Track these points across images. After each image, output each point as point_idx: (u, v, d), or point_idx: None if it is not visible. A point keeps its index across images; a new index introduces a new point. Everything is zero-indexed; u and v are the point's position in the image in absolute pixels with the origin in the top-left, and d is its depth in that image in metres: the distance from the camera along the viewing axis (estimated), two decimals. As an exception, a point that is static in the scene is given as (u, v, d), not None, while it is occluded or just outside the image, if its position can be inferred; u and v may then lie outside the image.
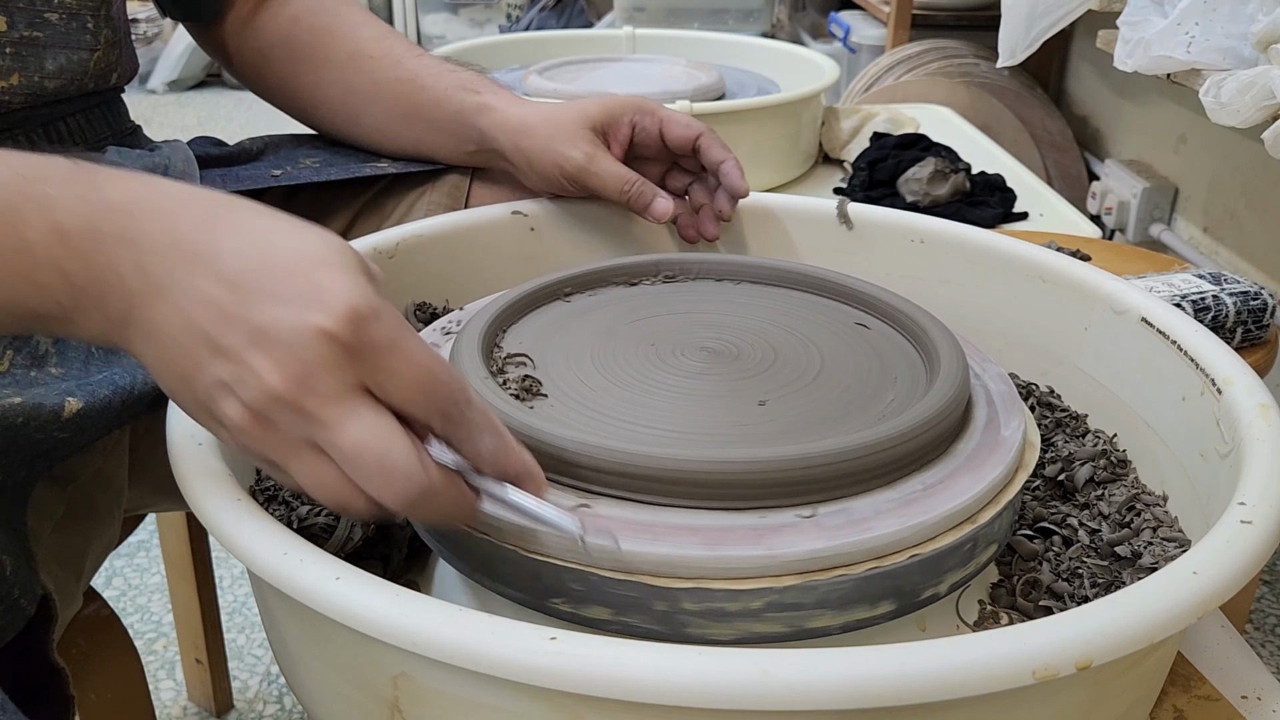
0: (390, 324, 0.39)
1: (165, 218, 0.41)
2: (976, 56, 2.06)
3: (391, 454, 0.39)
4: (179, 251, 0.40)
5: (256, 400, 0.39)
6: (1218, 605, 0.40)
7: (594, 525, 0.43)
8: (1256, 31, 1.04)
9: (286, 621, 0.47)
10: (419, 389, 0.40)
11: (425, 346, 0.40)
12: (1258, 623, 1.24)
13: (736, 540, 0.44)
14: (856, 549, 0.44)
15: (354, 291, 0.39)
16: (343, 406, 0.39)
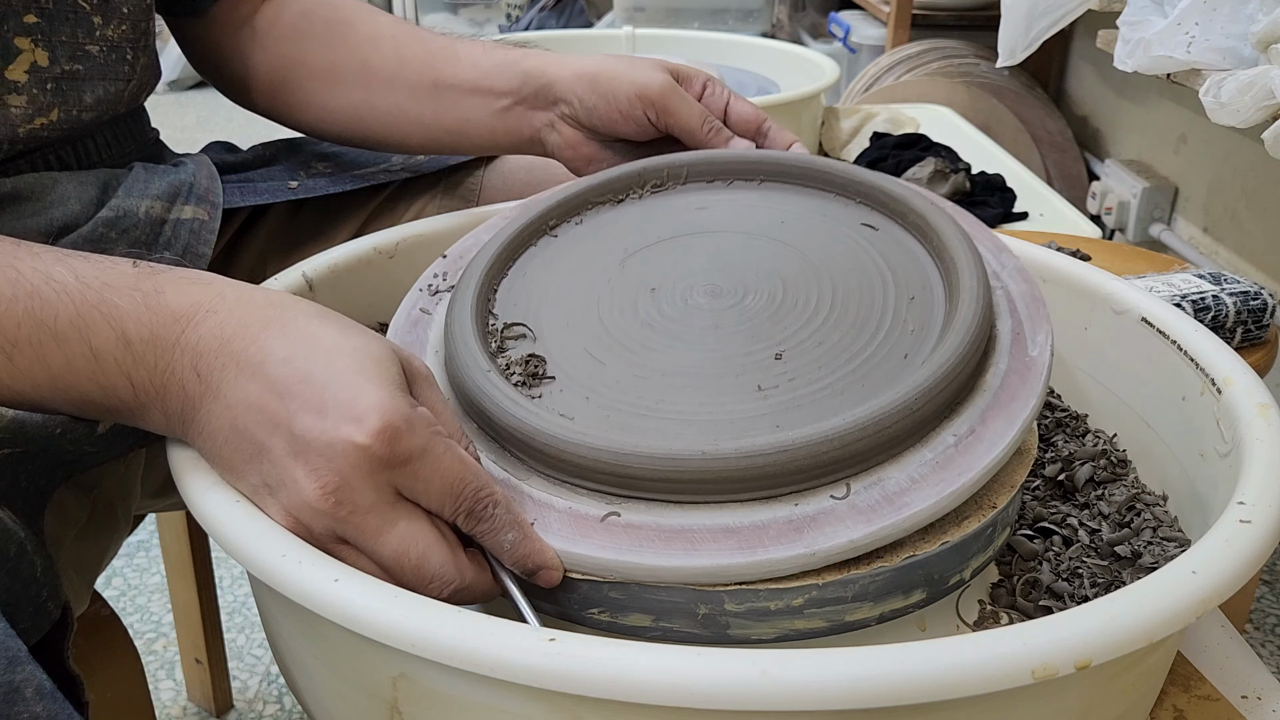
0: (421, 434, 0.42)
1: (220, 323, 0.44)
2: (976, 56, 2.06)
3: (427, 562, 0.42)
4: (230, 356, 0.43)
5: (295, 507, 0.42)
6: (1217, 605, 0.40)
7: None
8: (1256, 31, 1.04)
9: (286, 623, 0.47)
10: (447, 494, 0.43)
11: (453, 452, 0.43)
12: (1258, 623, 1.24)
13: (774, 538, 0.43)
14: (895, 529, 0.44)
15: (388, 404, 0.41)
16: (379, 517, 0.42)
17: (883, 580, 0.45)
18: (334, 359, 0.42)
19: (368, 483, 0.41)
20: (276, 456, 0.42)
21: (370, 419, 0.41)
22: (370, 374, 0.42)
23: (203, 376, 0.43)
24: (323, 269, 0.64)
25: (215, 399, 0.43)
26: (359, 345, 0.43)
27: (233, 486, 0.44)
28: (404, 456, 0.41)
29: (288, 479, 0.42)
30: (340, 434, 0.41)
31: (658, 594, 0.44)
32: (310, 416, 0.41)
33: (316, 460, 0.41)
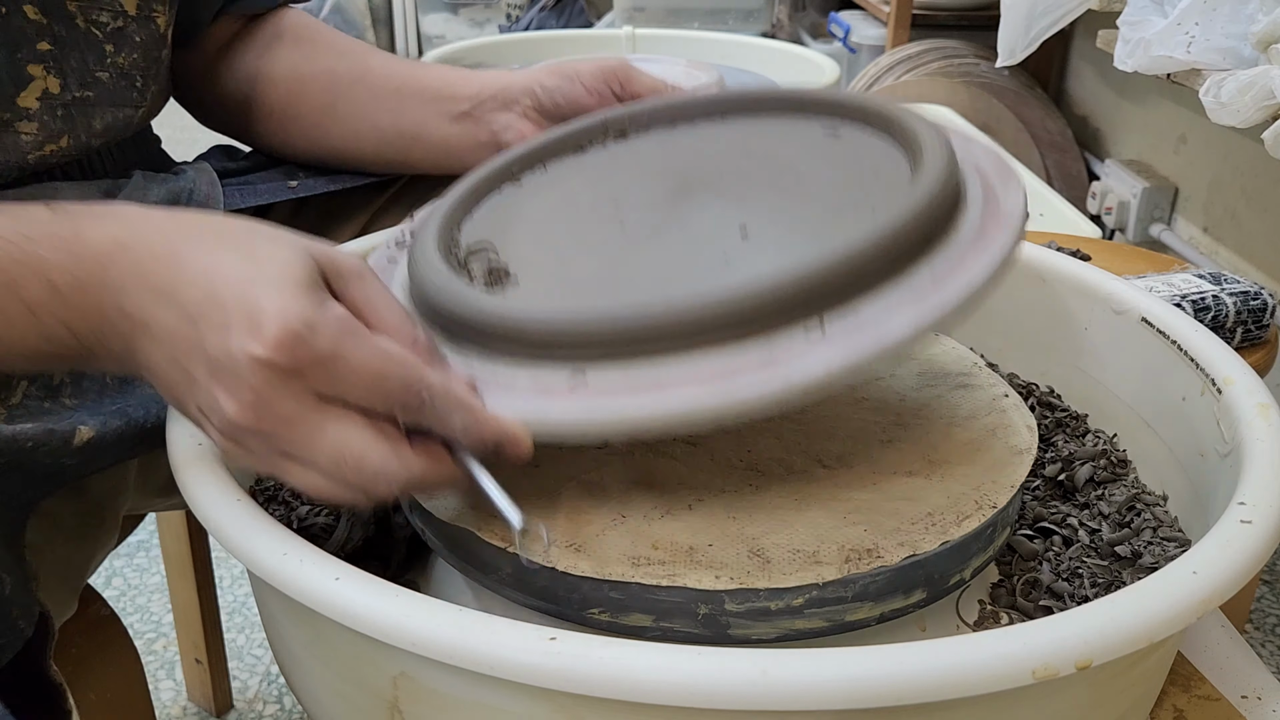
0: (327, 335, 0.40)
1: (136, 257, 0.43)
2: (976, 56, 2.06)
3: (367, 459, 0.41)
4: (149, 289, 0.42)
5: (225, 428, 0.41)
6: (1218, 605, 0.40)
7: (536, 530, 0.44)
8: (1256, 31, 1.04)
9: (286, 621, 0.47)
10: (371, 389, 0.41)
11: (370, 345, 0.41)
12: (1258, 623, 1.24)
13: (747, 374, 0.41)
14: (874, 353, 0.41)
15: (288, 310, 0.40)
16: (306, 425, 0.41)
17: (883, 580, 0.45)
18: (237, 274, 0.41)
19: (282, 393, 0.40)
20: (201, 382, 0.41)
21: (268, 328, 0.39)
22: (273, 280, 0.41)
23: (129, 313, 0.43)
24: (323, 269, 0.63)
25: (145, 334, 0.43)
26: (266, 254, 0.42)
27: (186, 418, 0.44)
28: (312, 360, 0.40)
29: (213, 402, 0.41)
30: (243, 349, 0.39)
31: (657, 594, 0.44)
32: (216, 335, 0.40)
33: (228, 379, 0.40)
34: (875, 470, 0.51)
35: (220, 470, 0.46)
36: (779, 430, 0.54)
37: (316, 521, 0.52)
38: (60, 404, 0.55)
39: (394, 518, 0.54)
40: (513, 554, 0.45)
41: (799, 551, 0.45)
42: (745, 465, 0.51)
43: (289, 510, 0.53)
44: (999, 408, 0.57)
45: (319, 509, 0.53)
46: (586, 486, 0.49)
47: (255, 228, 0.44)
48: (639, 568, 0.44)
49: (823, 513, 0.47)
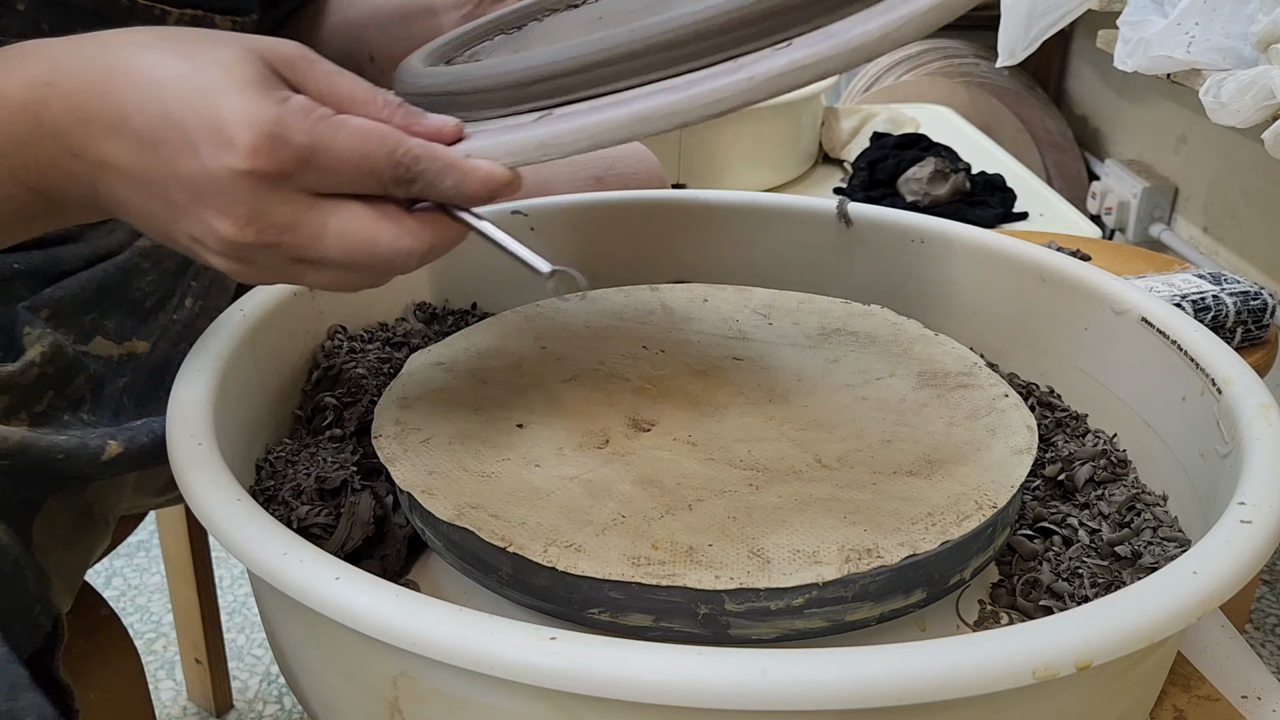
0: (301, 128, 0.39)
1: (65, 94, 0.40)
2: (976, 56, 2.06)
3: (378, 245, 0.40)
4: (91, 125, 0.40)
5: (226, 249, 0.40)
6: (1218, 605, 0.40)
7: (565, 271, 0.44)
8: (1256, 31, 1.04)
9: (286, 621, 0.47)
10: (359, 172, 0.40)
11: (346, 129, 0.39)
12: (1258, 623, 1.24)
13: (711, 79, 0.40)
14: (838, 53, 0.40)
15: (251, 114, 0.38)
16: (308, 225, 0.39)
17: (883, 580, 0.45)
18: (184, 87, 0.39)
19: (274, 199, 0.39)
20: (185, 208, 0.39)
21: (240, 137, 0.38)
22: (223, 86, 0.38)
23: (80, 155, 0.40)
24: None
25: (105, 171, 0.40)
26: (204, 61, 0.39)
27: (177, 250, 0.43)
28: (294, 159, 0.38)
29: (205, 227, 0.39)
30: (220, 164, 0.38)
31: (658, 593, 0.44)
32: (186, 158, 0.38)
33: (215, 200, 0.39)
34: (875, 470, 0.51)
35: (220, 470, 0.46)
36: (779, 430, 0.54)
37: (316, 521, 0.52)
38: (79, 418, 0.55)
39: (394, 517, 0.54)
40: (513, 554, 0.45)
41: (799, 551, 0.45)
42: (745, 465, 0.51)
43: (289, 510, 0.53)
44: (999, 408, 0.57)
45: (319, 509, 0.53)
46: (586, 486, 0.49)
47: (185, 33, 0.42)
48: (639, 568, 0.44)
49: (823, 513, 0.47)
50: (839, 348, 0.63)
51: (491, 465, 0.51)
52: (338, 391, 0.61)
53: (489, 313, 0.71)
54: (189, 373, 0.52)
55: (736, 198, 0.76)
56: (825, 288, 0.72)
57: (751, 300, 0.69)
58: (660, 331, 0.64)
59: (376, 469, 0.56)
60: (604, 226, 0.75)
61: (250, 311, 0.58)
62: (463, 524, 0.47)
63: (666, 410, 0.56)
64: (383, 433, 0.53)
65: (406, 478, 0.50)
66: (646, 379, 0.59)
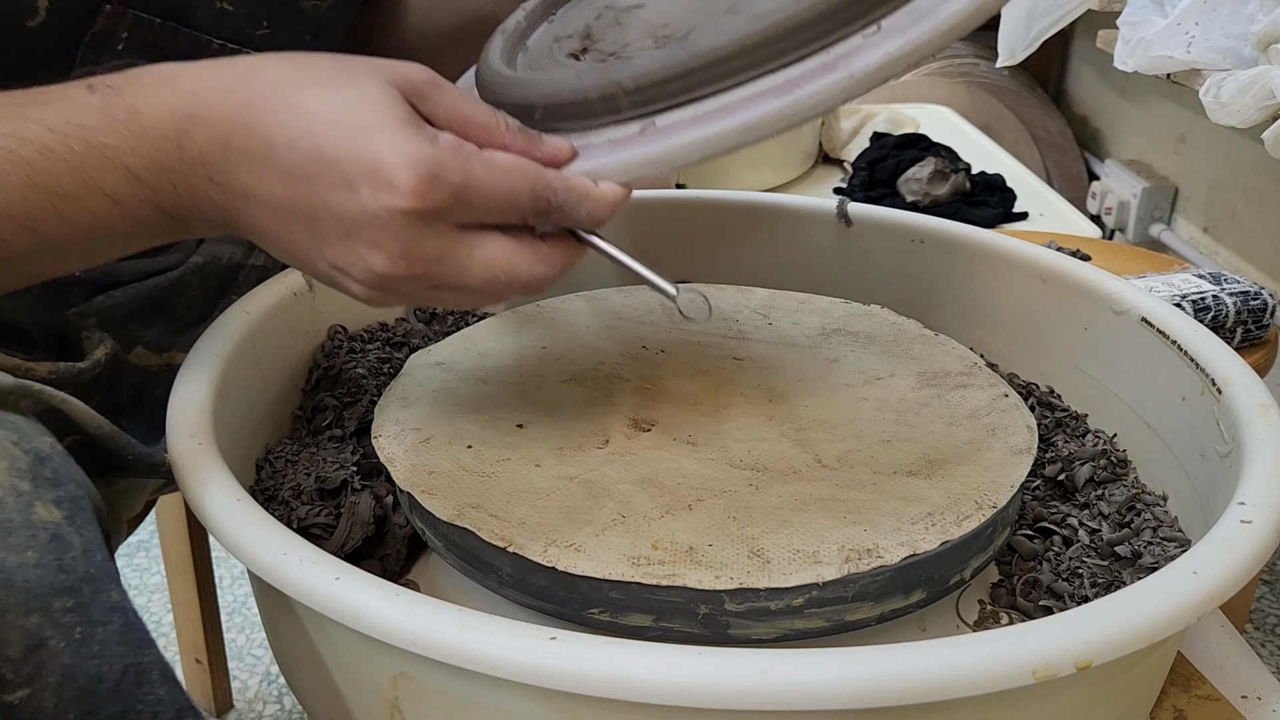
0: (456, 168, 0.41)
1: (209, 126, 0.42)
2: (976, 56, 2.06)
3: (517, 274, 0.43)
4: (237, 156, 0.42)
5: (372, 280, 0.42)
6: (1218, 605, 0.40)
7: (686, 290, 0.46)
8: (1256, 31, 1.04)
9: (286, 621, 0.47)
10: (505, 206, 0.42)
11: (494, 167, 0.42)
12: (1258, 623, 1.24)
13: (810, 79, 0.42)
14: (932, 37, 0.41)
15: (411, 155, 0.40)
16: (454, 258, 0.42)
17: (883, 580, 0.45)
18: (336, 125, 0.41)
19: (428, 234, 0.41)
20: (332, 240, 0.42)
21: (401, 179, 0.40)
22: (377, 126, 0.41)
23: (222, 184, 0.42)
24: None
25: (247, 200, 0.42)
26: (351, 98, 0.41)
27: (309, 275, 0.45)
28: (450, 197, 0.41)
29: (353, 258, 0.41)
30: (380, 204, 0.40)
31: (657, 593, 0.44)
32: (342, 195, 0.40)
33: (370, 234, 0.41)
34: (875, 470, 0.51)
35: (220, 470, 0.46)
36: (779, 430, 0.54)
37: (316, 521, 0.52)
38: (119, 423, 0.56)
39: (394, 517, 0.54)
40: (513, 554, 0.45)
41: (799, 551, 0.45)
42: (745, 465, 0.51)
43: (289, 510, 0.53)
44: (999, 408, 0.57)
45: (319, 509, 0.53)
46: (586, 486, 0.49)
47: (322, 63, 0.43)
48: (639, 568, 0.44)
49: (823, 513, 0.47)
50: (839, 348, 0.63)
51: (491, 465, 0.51)
52: (338, 391, 0.61)
53: (489, 313, 0.71)
54: (189, 373, 0.52)
55: (736, 198, 0.76)
56: (825, 288, 0.72)
57: (751, 300, 0.69)
58: (660, 331, 0.64)
59: (376, 469, 0.56)
60: (604, 226, 0.75)
61: (250, 311, 0.58)
62: (463, 524, 0.47)
63: (666, 410, 0.56)
64: (383, 433, 0.53)
65: (406, 478, 0.50)
66: (646, 379, 0.59)
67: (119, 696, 0.36)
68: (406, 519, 0.53)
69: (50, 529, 0.37)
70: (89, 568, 0.37)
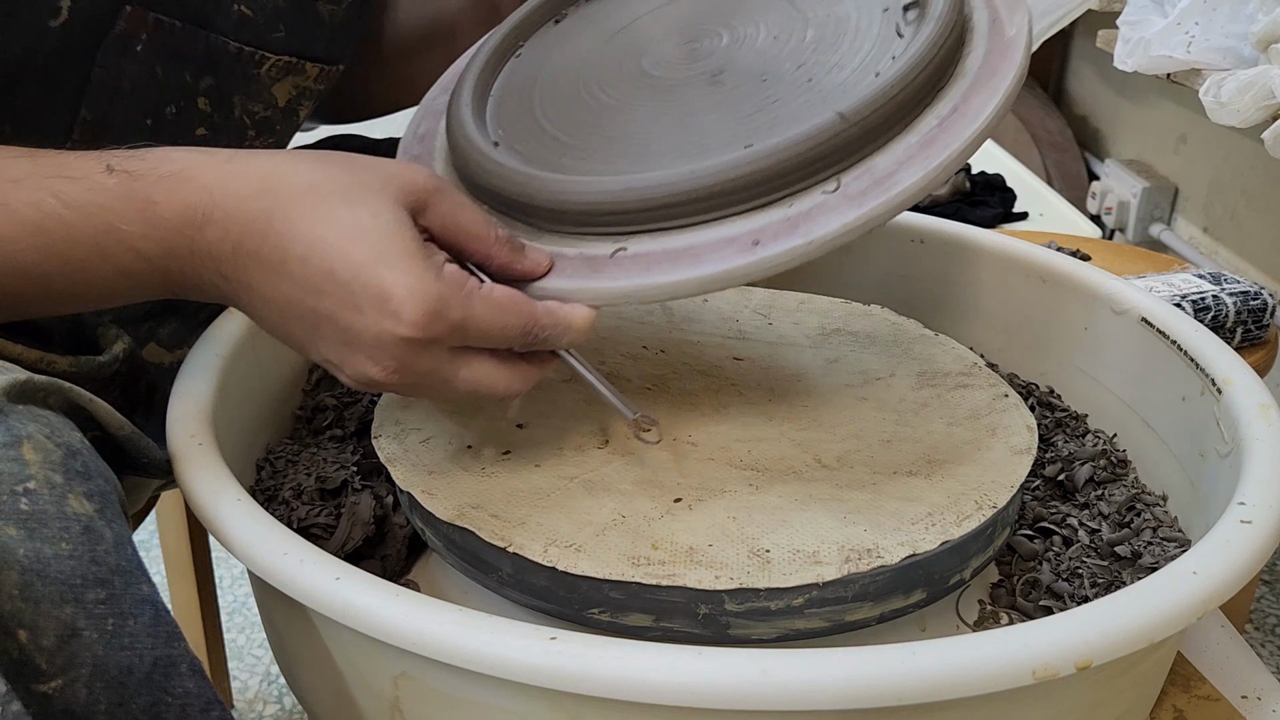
0: (458, 305, 0.43)
1: (222, 228, 0.44)
2: (976, 56, 2.06)
3: (496, 389, 0.46)
4: (248, 258, 0.44)
5: (364, 381, 0.45)
6: (1218, 605, 0.40)
7: (644, 414, 0.50)
8: (1256, 31, 1.04)
9: (286, 621, 0.47)
10: (498, 340, 0.45)
11: (490, 302, 0.45)
12: (1258, 623, 1.24)
13: (772, 236, 0.45)
14: (886, 208, 0.44)
15: (418, 290, 0.43)
16: (442, 374, 0.45)
17: (883, 580, 0.45)
18: (350, 249, 0.43)
19: (423, 356, 0.44)
20: (331, 343, 0.44)
21: (406, 311, 0.42)
22: (391, 257, 0.43)
23: (229, 278, 0.45)
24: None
25: (252, 294, 0.45)
26: (366, 223, 0.44)
27: (303, 356, 0.49)
28: (448, 330, 0.43)
29: (349, 361, 0.44)
30: (383, 329, 0.43)
31: (658, 594, 0.44)
32: (349, 313, 0.43)
33: (370, 350, 0.43)
34: (875, 470, 0.51)
35: (220, 470, 0.46)
36: (779, 430, 0.54)
37: (317, 521, 0.52)
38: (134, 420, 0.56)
39: (394, 517, 0.54)
40: (513, 554, 0.45)
41: (799, 551, 0.45)
42: (745, 465, 0.51)
43: (289, 510, 0.53)
44: (999, 408, 0.57)
45: (319, 509, 0.53)
46: (586, 486, 0.49)
47: (337, 174, 0.45)
48: (639, 568, 0.44)
49: (823, 513, 0.47)
50: (839, 348, 0.63)
51: (491, 465, 0.51)
52: (338, 391, 0.61)
53: (489, 313, 0.70)
54: (189, 373, 0.52)
55: (736, 198, 0.76)
56: (825, 288, 0.72)
57: (751, 300, 0.69)
58: (660, 331, 0.64)
59: (376, 469, 0.56)
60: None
61: (250, 311, 0.58)
62: (463, 524, 0.47)
63: (666, 410, 0.56)
64: (383, 433, 0.53)
65: (406, 478, 0.50)
66: (646, 379, 0.59)
67: (149, 688, 0.37)
68: (406, 519, 0.53)
69: (83, 521, 0.37)
70: (120, 560, 0.38)
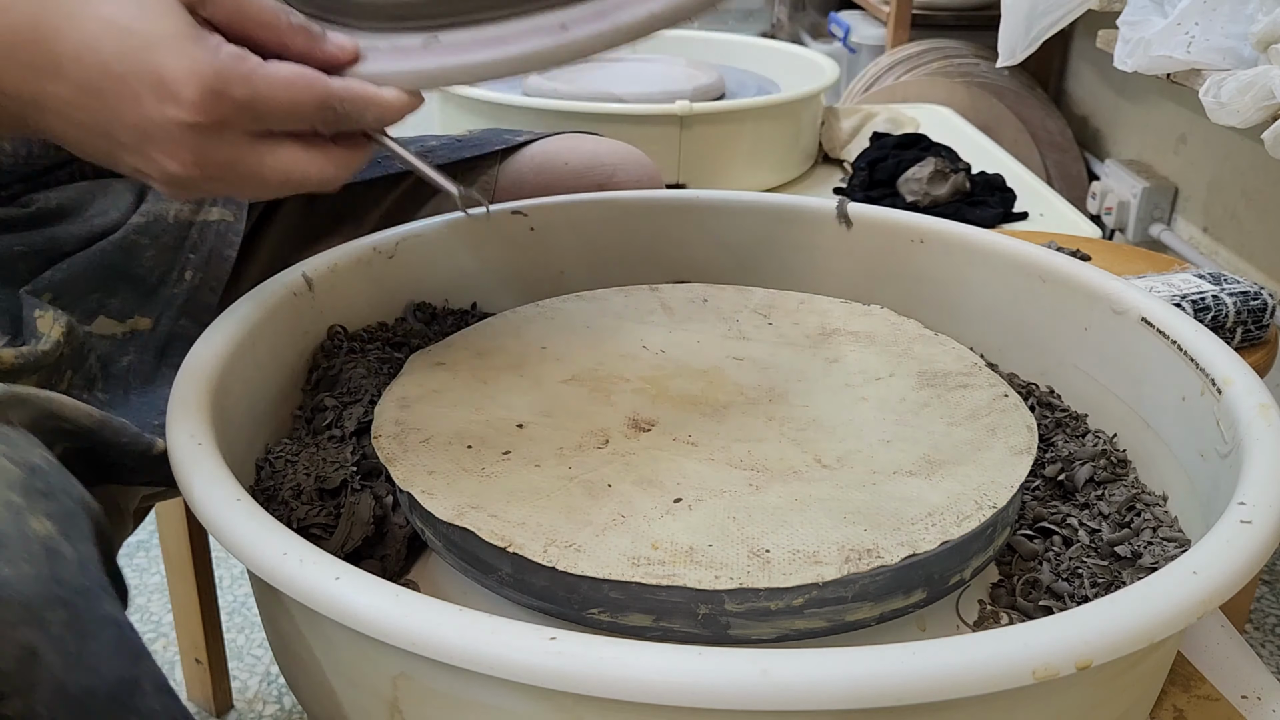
0: (239, 81, 0.42)
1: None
2: (976, 56, 2.06)
3: (309, 174, 0.45)
4: (25, 69, 0.42)
5: (170, 181, 0.44)
6: (1218, 605, 0.40)
7: (468, 192, 0.52)
8: (1256, 31, 1.04)
9: (286, 621, 0.47)
10: (291, 117, 0.44)
11: (276, 76, 0.43)
12: (1258, 623, 1.24)
13: (581, 21, 0.46)
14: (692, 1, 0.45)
15: (193, 71, 0.41)
16: (247, 163, 0.44)
17: (883, 580, 0.45)
18: (120, 40, 0.41)
19: (218, 143, 0.42)
20: (130, 146, 0.43)
21: (184, 93, 0.41)
22: (160, 39, 0.41)
23: (11, 93, 0.43)
24: (322, 269, 0.64)
25: (38, 108, 0.43)
26: (134, 14, 0.42)
27: (115, 170, 0.46)
28: (234, 110, 0.42)
29: (150, 163, 0.43)
30: (166, 116, 0.41)
31: (658, 594, 0.44)
32: (129, 107, 0.42)
33: (161, 144, 0.42)
34: (875, 470, 0.51)
35: (220, 470, 0.46)
36: (779, 430, 0.54)
37: (316, 521, 0.52)
38: (95, 396, 0.56)
39: (394, 517, 0.54)
40: (513, 554, 0.45)
41: (799, 551, 0.45)
42: (745, 465, 0.51)
43: (289, 510, 0.53)
44: (999, 408, 0.57)
45: (318, 509, 0.53)
46: (586, 486, 0.49)
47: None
48: (639, 568, 0.44)
49: (823, 513, 0.47)
50: (839, 348, 0.63)
51: (491, 465, 0.51)
52: (338, 391, 0.61)
53: (489, 313, 0.71)
54: (189, 373, 0.52)
55: (736, 198, 0.76)
56: (825, 288, 0.72)
57: (751, 300, 0.69)
58: (660, 331, 0.64)
59: (376, 469, 0.56)
60: (604, 226, 0.75)
61: (250, 312, 0.58)
62: (463, 524, 0.47)
63: (666, 410, 0.56)
64: (383, 433, 0.53)
65: (406, 478, 0.50)
66: (646, 379, 0.59)
67: (112, 708, 0.36)
68: (406, 519, 0.53)
69: (44, 541, 0.37)
70: (83, 580, 0.37)
